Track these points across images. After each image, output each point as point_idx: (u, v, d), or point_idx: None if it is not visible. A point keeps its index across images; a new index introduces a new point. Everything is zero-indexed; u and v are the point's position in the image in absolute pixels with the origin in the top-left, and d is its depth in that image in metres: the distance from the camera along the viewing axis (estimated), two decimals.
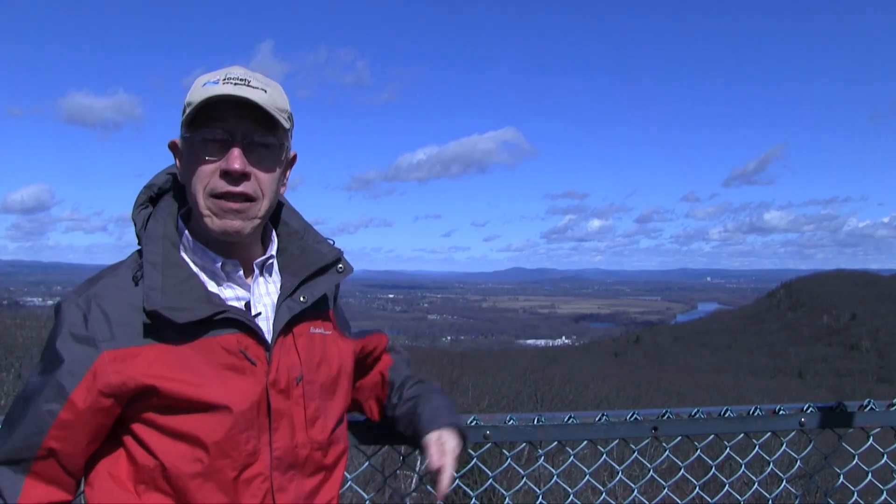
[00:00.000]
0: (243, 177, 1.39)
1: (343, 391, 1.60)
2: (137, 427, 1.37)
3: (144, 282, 1.36)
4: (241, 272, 1.49)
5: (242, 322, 1.41)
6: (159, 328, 1.35)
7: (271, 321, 1.48)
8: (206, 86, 1.38)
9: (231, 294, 1.47)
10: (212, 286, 1.45)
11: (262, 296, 1.51)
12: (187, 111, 1.39)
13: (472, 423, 2.31)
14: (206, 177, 1.39)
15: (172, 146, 1.50)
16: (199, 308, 1.36)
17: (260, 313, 1.48)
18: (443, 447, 1.68)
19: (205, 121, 1.38)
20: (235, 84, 1.37)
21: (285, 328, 1.47)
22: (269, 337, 1.45)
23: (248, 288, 1.50)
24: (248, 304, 1.48)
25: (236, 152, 1.38)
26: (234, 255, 1.48)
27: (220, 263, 1.46)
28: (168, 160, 1.57)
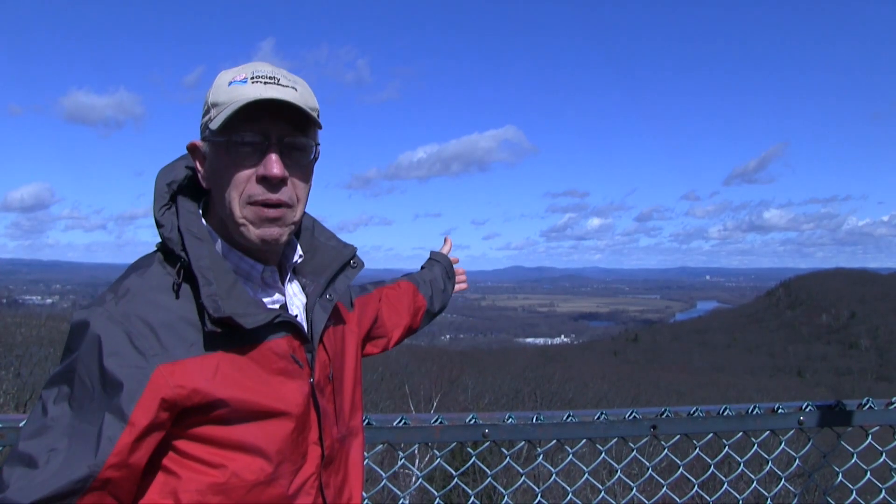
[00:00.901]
0: (281, 182, 1.33)
1: (352, 376, 1.60)
2: (184, 444, 1.29)
3: (202, 289, 1.27)
4: (278, 276, 1.47)
5: (289, 325, 1.39)
6: (213, 337, 1.28)
7: (304, 322, 1.47)
8: (233, 85, 1.31)
9: (268, 298, 1.45)
10: (251, 292, 1.41)
11: (293, 297, 1.51)
12: (216, 113, 1.32)
13: (471, 422, 2.31)
14: (242, 183, 1.32)
15: (192, 148, 1.42)
16: (259, 313, 1.31)
17: (297, 315, 1.48)
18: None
19: (237, 123, 1.30)
20: (265, 83, 1.31)
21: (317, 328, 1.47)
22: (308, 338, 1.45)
23: (281, 290, 1.48)
24: (282, 306, 1.47)
25: (274, 157, 1.31)
26: (266, 259, 1.45)
27: (261, 269, 1.42)
28: (167, 158, 1.54)
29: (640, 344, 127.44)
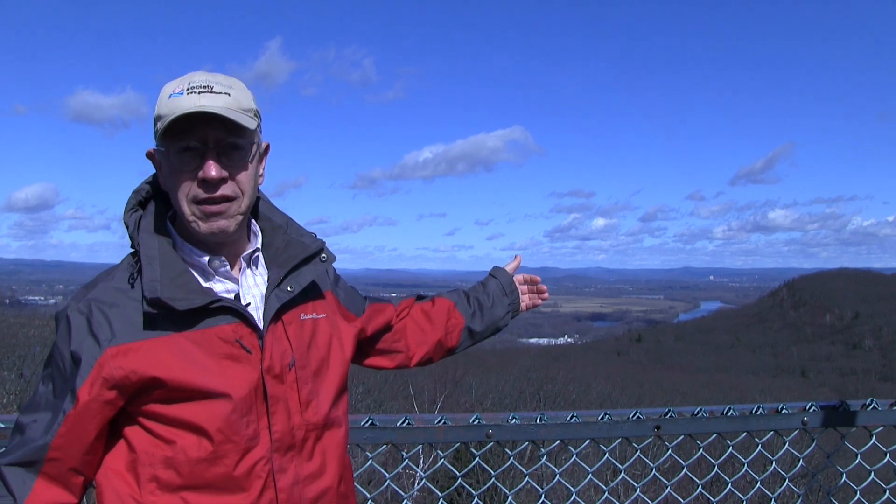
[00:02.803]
0: (221, 181, 1.47)
1: (335, 371, 1.65)
2: (143, 420, 1.45)
3: (144, 274, 1.45)
4: (228, 266, 1.58)
5: (236, 312, 1.49)
6: (158, 321, 1.44)
7: (261, 311, 1.56)
8: (172, 98, 1.46)
9: (221, 288, 1.56)
10: (202, 281, 1.54)
11: (251, 287, 1.60)
12: (161, 126, 1.46)
13: (475, 422, 2.32)
14: (187, 185, 1.48)
15: (150, 156, 1.58)
16: (197, 297, 1.45)
17: (249, 304, 1.57)
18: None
19: (177, 133, 1.45)
20: (200, 93, 1.45)
21: (275, 317, 1.56)
22: (260, 326, 1.53)
23: (236, 281, 1.59)
24: (237, 296, 1.57)
25: (210, 161, 1.46)
26: (222, 252, 1.57)
27: (206, 259, 1.54)
28: None
29: (644, 344, 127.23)
